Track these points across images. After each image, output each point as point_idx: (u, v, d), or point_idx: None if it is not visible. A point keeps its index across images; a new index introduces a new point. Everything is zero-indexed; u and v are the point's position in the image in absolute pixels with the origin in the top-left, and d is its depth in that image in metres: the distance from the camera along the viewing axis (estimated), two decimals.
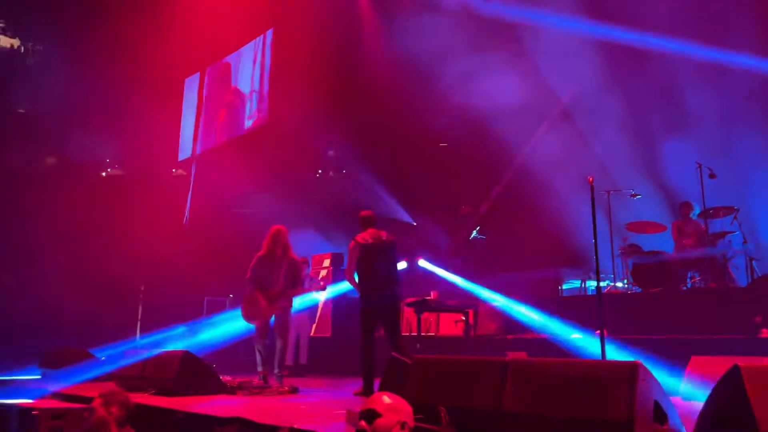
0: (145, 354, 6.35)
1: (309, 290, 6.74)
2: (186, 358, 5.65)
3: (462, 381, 3.61)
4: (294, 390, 5.84)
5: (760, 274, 7.00)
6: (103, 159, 14.39)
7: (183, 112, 14.62)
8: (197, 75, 14.40)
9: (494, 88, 9.61)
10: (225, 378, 6.14)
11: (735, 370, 2.81)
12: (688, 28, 8.38)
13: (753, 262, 7.17)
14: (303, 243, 11.06)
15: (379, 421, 2.61)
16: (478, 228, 10.47)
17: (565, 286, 9.04)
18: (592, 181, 4.99)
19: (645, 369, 2.98)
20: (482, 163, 10.94)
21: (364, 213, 6.15)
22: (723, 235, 7.48)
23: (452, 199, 11.49)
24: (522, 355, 6.48)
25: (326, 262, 9.78)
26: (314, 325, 9.52)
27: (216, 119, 13.89)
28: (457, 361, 3.79)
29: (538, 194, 9.61)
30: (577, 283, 9.08)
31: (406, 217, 12.36)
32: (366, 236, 5.88)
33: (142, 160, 13.69)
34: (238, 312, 6.50)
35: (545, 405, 3.17)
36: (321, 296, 9.48)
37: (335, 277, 9.55)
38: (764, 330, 5.86)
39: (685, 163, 8.08)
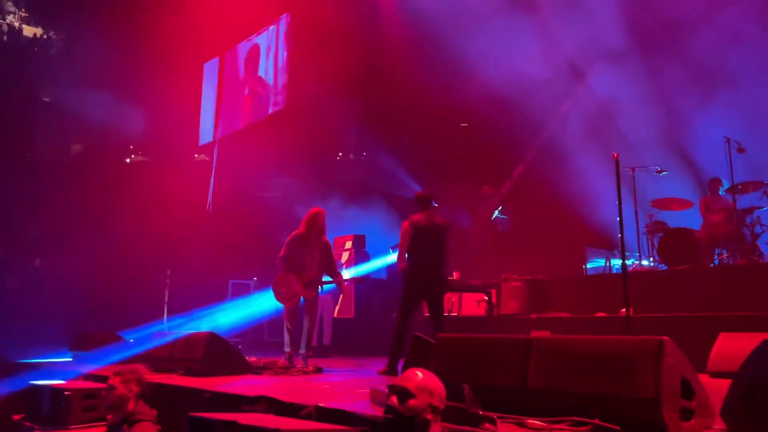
0: (173, 336, 6.47)
1: (342, 279, 6.52)
2: (212, 339, 5.74)
3: (486, 359, 3.61)
4: (318, 370, 5.90)
5: None
6: (126, 145, 14.58)
7: (203, 97, 14.69)
8: (216, 59, 14.43)
9: (517, 63, 9.47)
10: (250, 359, 6.23)
11: (764, 345, 2.76)
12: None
13: None
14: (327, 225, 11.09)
15: (411, 402, 2.53)
16: (500, 208, 10.40)
17: (589, 265, 8.94)
18: (617, 156, 4.89)
19: (672, 345, 2.94)
20: (505, 142, 10.83)
21: (421, 193, 5.97)
22: (752, 210, 7.31)
23: (475, 179, 11.41)
24: (546, 334, 6.45)
25: (348, 244, 9.82)
26: (337, 307, 9.60)
27: (236, 104, 13.94)
28: (481, 339, 3.79)
29: (561, 172, 9.48)
30: (601, 262, 8.98)
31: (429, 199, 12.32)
32: (420, 218, 5.71)
33: (165, 146, 13.84)
34: (263, 294, 6.56)
35: (570, 382, 3.15)
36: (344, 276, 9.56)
37: (357, 259, 9.59)
38: None
39: (713, 138, 7.89)
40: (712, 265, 7.33)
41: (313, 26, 11.66)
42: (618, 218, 5.26)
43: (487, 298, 7.36)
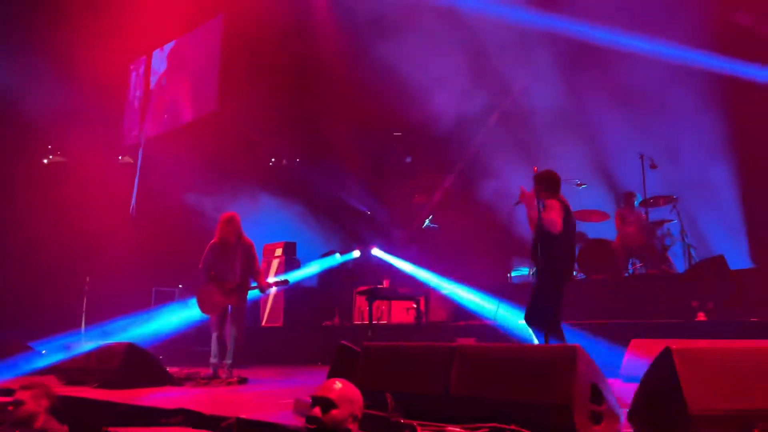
0: (88, 346, 6.17)
1: (263, 280, 6.36)
2: (130, 349, 5.52)
3: (410, 367, 3.65)
4: (243, 380, 5.78)
5: (697, 261, 7.30)
6: (44, 146, 13.82)
7: (129, 97, 14.16)
8: (143, 59, 13.96)
9: (447, 74, 9.68)
10: (172, 369, 6.03)
11: (667, 353, 2.93)
12: (632, 20, 8.62)
13: (690, 249, 7.48)
14: (255, 232, 10.89)
15: (334, 412, 2.54)
16: (431, 216, 10.56)
17: (514, 273, 9.22)
18: (537, 170, 5.09)
19: (584, 353, 3.08)
20: (437, 151, 11.02)
21: (553, 172, 5.06)
22: (662, 223, 7.77)
23: (406, 188, 11.54)
24: (471, 341, 6.60)
25: (278, 252, 9.69)
26: (266, 315, 9.46)
27: (164, 105, 13.52)
28: (405, 347, 3.83)
29: (488, 183, 9.75)
30: (525, 270, 9.27)
31: (359, 206, 12.35)
32: (564, 200, 4.91)
33: (86, 147, 13.21)
34: (188, 302, 6.37)
35: (490, 388, 3.24)
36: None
37: (288, 266, 9.47)
38: (700, 314, 6.13)
39: (629, 155, 8.35)
40: (626, 274, 7.73)
41: (246, 29, 11.48)
42: None
43: (415, 305, 7.44)
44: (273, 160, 13.73)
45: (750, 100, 7.91)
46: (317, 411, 2.53)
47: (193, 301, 6.29)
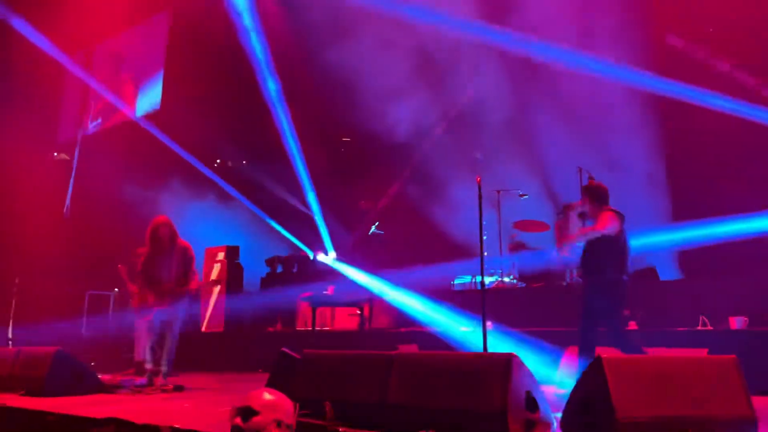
0: (14, 351, 5.87)
1: (194, 284, 6.18)
2: (59, 356, 5.28)
3: (349, 375, 3.65)
4: (179, 388, 5.62)
5: (631, 272, 7.58)
6: None
7: (65, 93, 13.61)
8: (83, 53, 13.45)
9: (395, 85, 9.76)
10: (104, 377, 5.80)
11: (598, 361, 3.04)
12: (576, 38, 8.95)
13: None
14: (197, 235, 10.66)
15: (255, 419, 2.59)
16: (377, 223, 10.59)
17: (456, 281, 9.35)
18: (480, 180, 5.19)
19: (519, 361, 3.15)
20: (384, 158, 11.08)
21: (602, 185, 4.93)
22: None
23: (353, 194, 11.54)
24: (413, 348, 6.64)
25: (220, 255, 9.50)
26: (206, 320, 9.25)
27: (105, 101, 13.06)
28: (344, 355, 3.82)
29: (434, 191, 9.88)
30: (468, 278, 9.43)
31: (306, 211, 12.26)
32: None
33: (18, 144, 12.61)
34: (123, 306, 6.17)
35: (427, 397, 3.27)
36: (215, 291, 9.24)
37: (230, 271, 9.30)
38: (632, 323, 6.37)
39: (570, 168, 8.63)
40: (564, 283, 7.97)
41: (193, 27, 11.25)
42: (482, 237, 5.57)
43: (359, 312, 7.44)
44: (218, 161, 13.48)
45: (683, 119, 8.32)
46: (238, 421, 2.58)
47: (129, 305, 6.10)
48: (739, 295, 6.02)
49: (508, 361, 3.07)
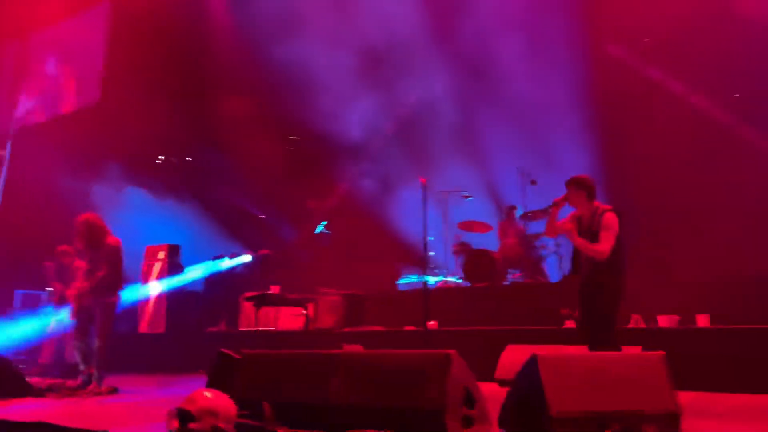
0: None
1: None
2: None
3: (291, 375, 3.62)
4: (113, 390, 5.43)
5: (567, 272, 7.83)
6: None
7: None
8: (16, 43, 12.82)
9: (343, 86, 9.76)
10: (33, 379, 5.55)
11: (533, 359, 3.12)
12: (522, 44, 9.18)
13: (563, 261, 8.02)
14: (137, 233, 10.34)
15: (192, 426, 2.45)
16: (324, 222, 10.54)
17: (402, 281, 9.42)
18: (425, 182, 5.24)
19: (458, 358, 3.20)
20: (333, 156, 11.03)
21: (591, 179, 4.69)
22: (539, 236, 8.28)
23: (300, 193, 11.44)
24: (358, 348, 6.63)
25: (161, 254, 9.22)
26: (145, 320, 8.98)
27: (41, 92, 12.49)
28: (286, 355, 3.79)
29: (381, 192, 9.93)
30: (414, 278, 9.51)
31: (252, 209, 12.08)
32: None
33: None
34: (55, 306, 5.91)
35: (369, 396, 3.28)
36: (155, 289, 8.99)
37: (171, 270, 9.04)
38: (569, 321, 6.57)
39: (513, 170, 8.85)
40: (505, 283, 8.15)
41: (135, 17, 10.89)
42: (427, 238, 5.64)
43: (304, 312, 7.39)
44: (161, 157, 13.09)
45: (621, 124, 8.65)
46: (174, 424, 2.44)
47: (61, 304, 5.85)
48: (671, 295, 6.30)
49: (446, 359, 3.11)
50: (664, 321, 5.77)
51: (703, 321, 5.60)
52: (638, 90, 8.60)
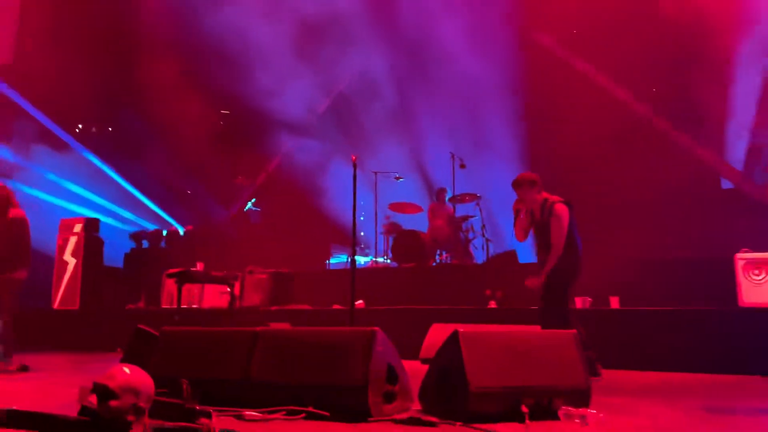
0: None
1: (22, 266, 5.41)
2: None
3: (212, 352, 3.54)
4: (24, 368, 5.15)
5: (493, 254, 8.08)
6: None
7: None
8: None
9: (276, 62, 9.55)
10: None
11: (454, 336, 3.20)
12: (455, 30, 9.27)
13: (489, 243, 8.24)
14: (51, 205, 9.80)
15: (112, 403, 2.31)
16: (253, 200, 10.34)
17: (332, 261, 9.40)
18: (356, 159, 5.22)
19: (382, 335, 3.23)
20: (263, 133, 10.80)
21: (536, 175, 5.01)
22: (467, 218, 8.47)
23: (229, 169, 11.15)
24: (286, 326, 6.58)
25: (77, 227, 8.74)
26: (59, 296, 8.54)
27: None
28: (206, 332, 3.70)
29: (313, 171, 9.84)
30: (344, 257, 9.52)
31: (179, 185, 11.66)
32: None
33: None
34: None
35: (291, 373, 3.26)
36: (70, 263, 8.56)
37: (87, 244, 8.60)
38: (492, 302, 6.79)
39: (443, 154, 8.97)
40: (434, 264, 8.29)
41: None
42: (358, 218, 5.64)
43: (230, 289, 7.23)
44: (80, 126, 12.41)
45: (547, 113, 8.92)
46: (92, 399, 2.30)
47: None
48: (586, 278, 6.60)
49: (370, 336, 3.14)
50: (578, 302, 6.05)
51: (614, 303, 5.90)
52: (564, 79, 8.88)
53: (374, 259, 8.75)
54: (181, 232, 9.64)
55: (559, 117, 8.67)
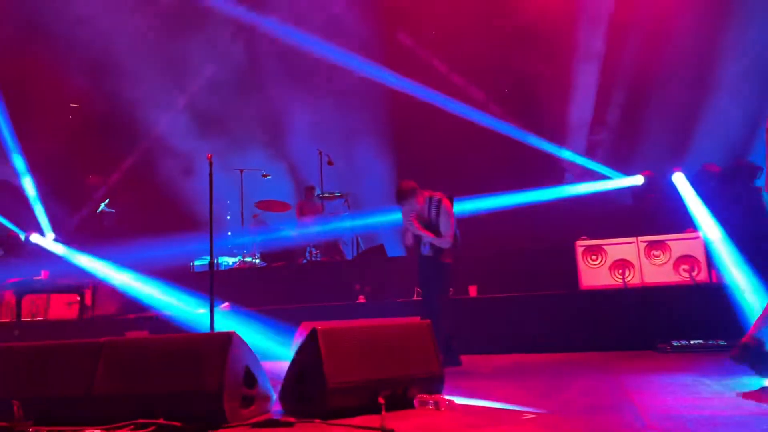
0: None
1: None
2: None
3: (49, 369, 3.24)
4: None
5: (362, 250, 8.17)
6: None
7: None
8: None
9: (133, 55, 9.00)
10: None
11: (313, 332, 3.18)
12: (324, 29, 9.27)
13: (359, 239, 8.33)
14: None
15: None
16: (107, 201, 9.61)
17: (197, 262, 9.00)
18: (211, 157, 5.04)
19: (238, 338, 3.13)
20: (119, 130, 10.08)
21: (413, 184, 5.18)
22: (336, 215, 8.50)
23: (79, 168, 10.27)
24: (144, 334, 6.21)
25: None
26: None
27: None
28: (40, 347, 3.38)
29: (172, 169, 9.37)
30: (209, 259, 9.13)
31: (19, 185, 10.52)
32: None
33: None
34: None
35: (141, 383, 3.07)
36: None
37: None
38: (361, 296, 6.86)
39: (313, 151, 8.93)
40: (303, 261, 8.23)
41: None
42: (225, 216, 5.43)
43: (80, 298, 6.68)
44: None
45: (408, 111, 9.20)
46: None
47: None
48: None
49: (225, 340, 3.03)
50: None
51: (472, 291, 6.22)
52: (424, 80, 9.20)
53: (243, 259, 8.51)
54: (23, 237, 8.72)
55: (419, 117, 8.98)
